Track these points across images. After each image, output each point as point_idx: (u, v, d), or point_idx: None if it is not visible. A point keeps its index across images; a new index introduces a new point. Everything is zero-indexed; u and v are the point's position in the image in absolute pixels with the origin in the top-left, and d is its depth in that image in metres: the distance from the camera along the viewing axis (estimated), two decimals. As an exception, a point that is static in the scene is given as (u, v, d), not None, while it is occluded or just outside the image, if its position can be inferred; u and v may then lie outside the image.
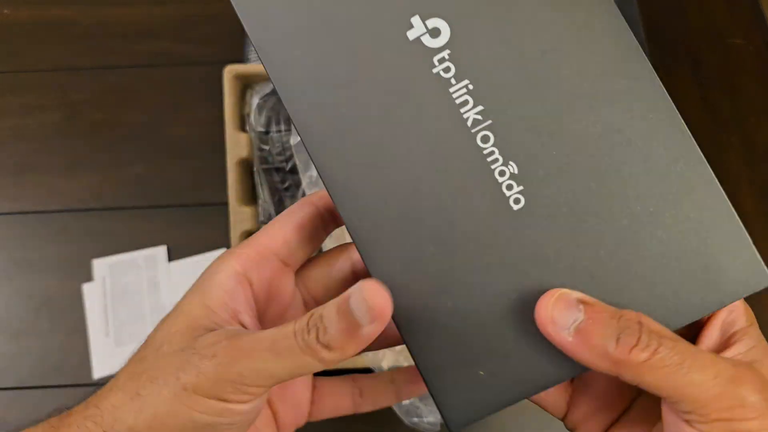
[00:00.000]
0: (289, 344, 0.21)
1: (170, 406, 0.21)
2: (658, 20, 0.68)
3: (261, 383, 0.21)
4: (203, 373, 0.21)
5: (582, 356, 0.20)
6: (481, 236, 0.22)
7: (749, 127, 0.66)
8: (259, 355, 0.21)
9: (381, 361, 0.51)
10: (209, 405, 0.21)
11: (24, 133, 0.66)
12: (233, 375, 0.21)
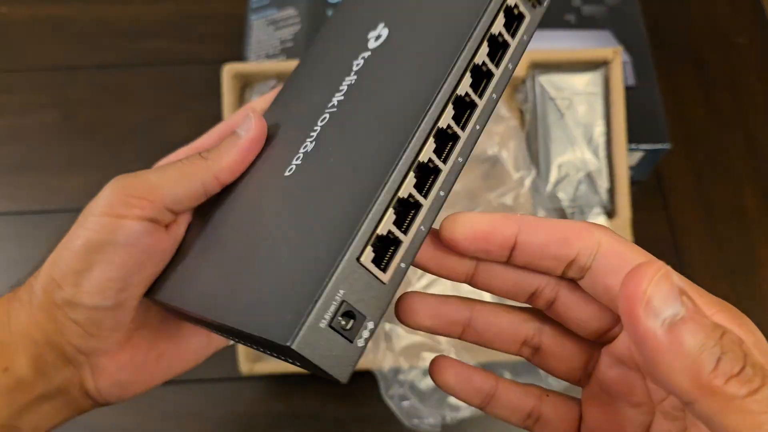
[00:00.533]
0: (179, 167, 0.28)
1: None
2: (661, 20, 0.68)
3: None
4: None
5: (663, 362, 0.17)
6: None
7: (753, 126, 0.65)
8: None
9: (381, 363, 0.51)
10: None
11: (21, 132, 0.65)
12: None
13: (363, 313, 0.20)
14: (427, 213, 0.22)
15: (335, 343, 0.20)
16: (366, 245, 0.21)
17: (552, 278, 0.23)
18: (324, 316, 0.20)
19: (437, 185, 0.22)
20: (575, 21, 0.61)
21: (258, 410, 0.56)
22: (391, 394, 0.51)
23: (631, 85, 0.58)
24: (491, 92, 0.23)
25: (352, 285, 0.20)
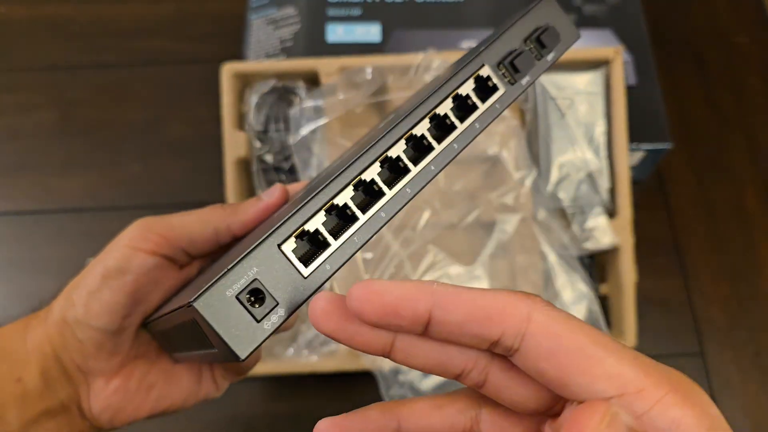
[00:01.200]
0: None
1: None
2: (662, 19, 0.68)
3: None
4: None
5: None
6: None
7: (754, 126, 0.65)
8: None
9: (381, 363, 0.50)
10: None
11: (19, 132, 0.65)
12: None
13: (275, 297, 0.21)
14: (363, 226, 0.23)
15: (240, 317, 0.20)
16: (290, 236, 0.21)
17: (480, 354, 0.20)
18: (232, 287, 0.20)
19: (377, 205, 0.23)
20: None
21: (258, 411, 0.55)
22: (391, 395, 0.50)
23: (632, 84, 0.58)
24: (452, 140, 0.25)
25: (268, 268, 0.21)
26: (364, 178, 0.23)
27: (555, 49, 0.27)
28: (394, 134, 0.24)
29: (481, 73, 0.25)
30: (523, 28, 0.26)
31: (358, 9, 0.62)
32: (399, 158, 0.24)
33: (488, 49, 0.26)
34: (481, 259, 0.53)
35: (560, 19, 0.27)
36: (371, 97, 0.53)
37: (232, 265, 0.20)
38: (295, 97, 0.55)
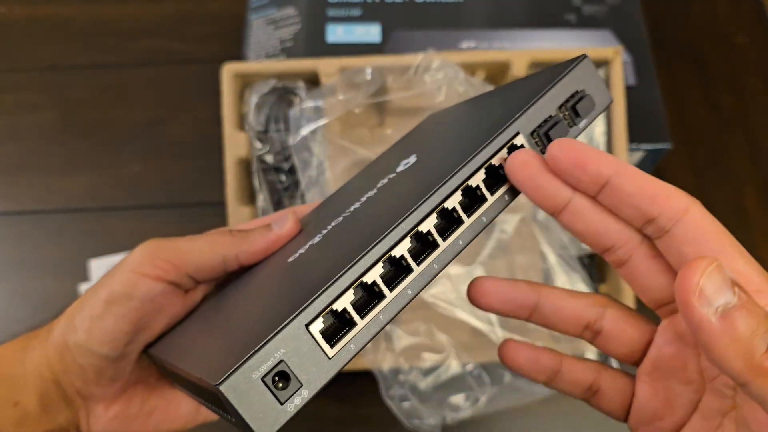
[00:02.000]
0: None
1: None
2: (661, 19, 0.68)
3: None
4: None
5: (718, 346, 0.18)
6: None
7: (754, 126, 0.65)
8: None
9: (381, 363, 0.51)
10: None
11: (20, 132, 0.65)
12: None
13: (299, 379, 0.20)
14: (389, 304, 0.22)
15: (264, 399, 0.20)
16: (318, 315, 0.21)
17: (633, 235, 0.23)
18: (259, 368, 0.20)
19: (405, 282, 0.23)
20: (576, 21, 0.61)
21: (258, 411, 0.55)
22: (392, 395, 0.50)
23: (631, 84, 0.58)
24: (481, 213, 0.24)
25: (295, 349, 0.20)
26: (394, 254, 0.22)
27: (588, 117, 0.26)
28: (424, 208, 0.23)
29: (516, 142, 0.24)
30: (559, 93, 0.25)
31: (358, 9, 0.62)
32: (429, 233, 0.23)
33: (523, 115, 0.24)
34: (481, 259, 0.53)
35: (595, 82, 0.26)
36: (371, 97, 0.54)
37: (260, 346, 0.20)
38: (295, 97, 0.55)
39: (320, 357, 0.21)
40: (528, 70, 0.55)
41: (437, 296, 0.52)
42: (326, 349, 0.21)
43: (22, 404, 0.29)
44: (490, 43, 0.61)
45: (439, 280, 0.52)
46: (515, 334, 0.52)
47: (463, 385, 0.51)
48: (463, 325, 0.52)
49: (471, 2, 0.62)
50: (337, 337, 0.21)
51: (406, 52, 0.55)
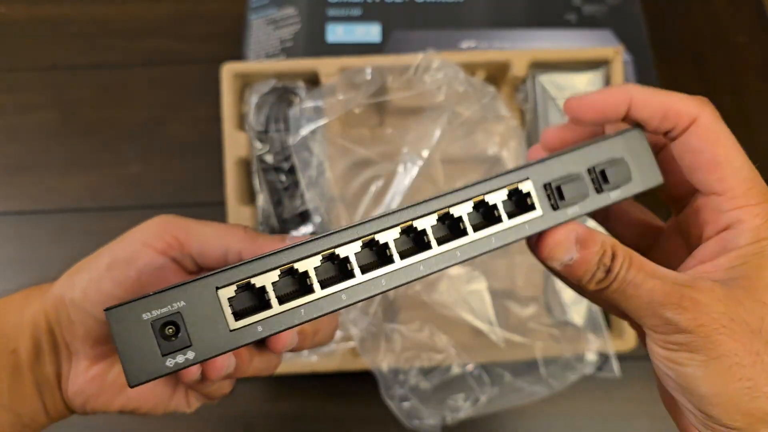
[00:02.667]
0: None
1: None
2: (661, 18, 0.68)
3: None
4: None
5: (570, 283, 0.26)
6: None
7: (753, 125, 0.65)
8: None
9: (381, 363, 0.51)
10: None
11: (19, 132, 0.65)
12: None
13: (190, 338, 0.19)
14: (314, 301, 0.21)
15: (146, 344, 0.19)
16: (233, 283, 0.20)
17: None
18: (152, 311, 0.19)
19: (341, 285, 0.21)
20: (576, 20, 0.61)
21: (258, 410, 0.55)
22: (392, 395, 0.50)
23: (631, 84, 0.58)
24: (455, 247, 0.22)
25: (197, 306, 0.20)
26: (337, 254, 0.21)
27: (621, 188, 0.25)
28: (391, 219, 0.22)
29: (521, 187, 0.23)
30: (592, 154, 0.24)
31: (358, 9, 0.62)
32: (386, 244, 0.22)
33: (541, 164, 0.24)
34: (480, 259, 0.53)
35: (642, 156, 0.25)
36: (371, 97, 0.54)
37: (162, 290, 0.19)
38: (295, 97, 0.55)
39: (221, 325, 0.20)
40: (528, 70, 0.55)
41: (437, 296, 0.52)
42: (229, 320, 0.20)
43: (18, 352, 0.30)
44: (490, 43, 0.61)
45: (440, 280, 0.52)
46: (515, 334, 0.52)
47: (463, 386, 0.51)
48: (463, 325, 0.52)
49: (471, 2, 0.62)
50: (245, 312, 0.20)
51: (406, 52, 0.55)
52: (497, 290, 0.53)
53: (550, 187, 0.24)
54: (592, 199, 0.24)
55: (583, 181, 0.24)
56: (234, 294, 0.20)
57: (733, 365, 0.21)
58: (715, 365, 0.21)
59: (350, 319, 0.51)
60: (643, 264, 0.23)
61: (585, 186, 0.24)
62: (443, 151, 0.52)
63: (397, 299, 0.52)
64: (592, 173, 0.24)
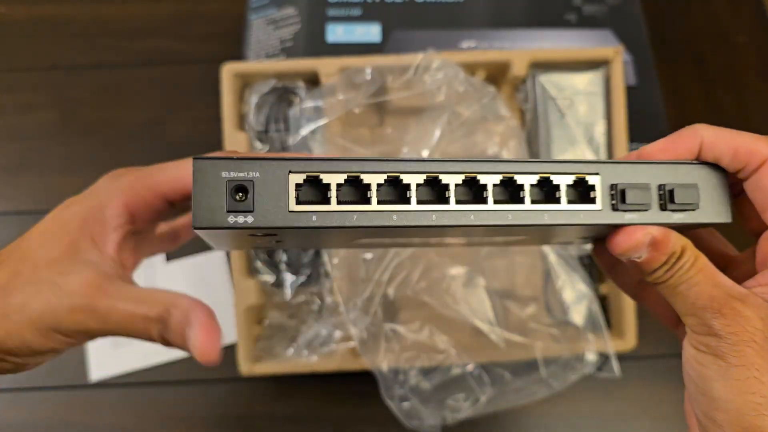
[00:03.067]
0: (136, 326, 0.28)
1: (32, 335, 0.28)
2: (661, 18, 0.68)
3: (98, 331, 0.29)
4: (62, 319, 0.28)
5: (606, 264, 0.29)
6: None
7: (753, 126, 0.65)
8: (110, 320, 0.28)
9: (381, 363, 0.51)
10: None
11: (20, 132, 0.65)
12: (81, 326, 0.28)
13: (254, 205, 0.22)
14: (368, 212, 0.23)
15: (216, 197, 0.22)
16: (304, 172, 0.23)
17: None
18: (230, 172, 0.22)
19: (395, 207, 0.23)
20: (576, 20, 0.61)
21: (257, 411, 0.56)
22: (392, 395, 0.51)
23: (631, 84, 0.58)
24: (507, 210, 0.24)
25: (269, 181, 0.22)
26: (402, 179, 0.23)
27: (684, 212, 0.25)
28: (457, 166, 0.24)
29: (589, 180, 0.25)
30: (671, 173, 0.25)
31: (358, 9, 0.62)
32: (447, 186, 0.24)
33: (619, 166, 0.25)
34: (480, 259, 0.53)
35: (718, 191, 0.26)
36: (371, 97, 0.54)
37: (247, 158, 0.22)
38: (295, 97, 0.55)
39: (283, 204, 0.22)
40: (528, 70, 0.55)
41: (437, 296, 0.52)
42: (291, 201, 0.22)
43: None
44: (491, 43, 0.61)
45: (439, 280, 0.52)
46: (515, 334, 0.52)
47: (463, 386, 0.51)
48: (463, 325, 0.52)
49: (471, 2, 0.62)
50: (307, 203, 0.23)
51: (406, 52, 0.55)
52: (497, 290, 0.53)
53: (616, 188, 0.25)
54: (653, 213, 0.25)
55: (648, 193, 0.25)
56: (302, 181, 0.23)
57: (751, 378, 0.22)
58: (734, 372, 0.22)
59: (350, 319, 0.51)
60: (706, 266, 0.24)
61: (650, 198, 0.25)
62: (443, 150, 0.52)
63: (397, 299, 0.52)
64: (661, 189, 0.25)
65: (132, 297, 0.29)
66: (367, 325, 0.51)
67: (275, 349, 0.53)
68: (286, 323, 0.54)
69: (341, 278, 0.51)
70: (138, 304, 0.29)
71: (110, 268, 0.30)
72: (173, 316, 0.29)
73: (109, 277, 0.28)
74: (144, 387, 0.56)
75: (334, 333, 0.52)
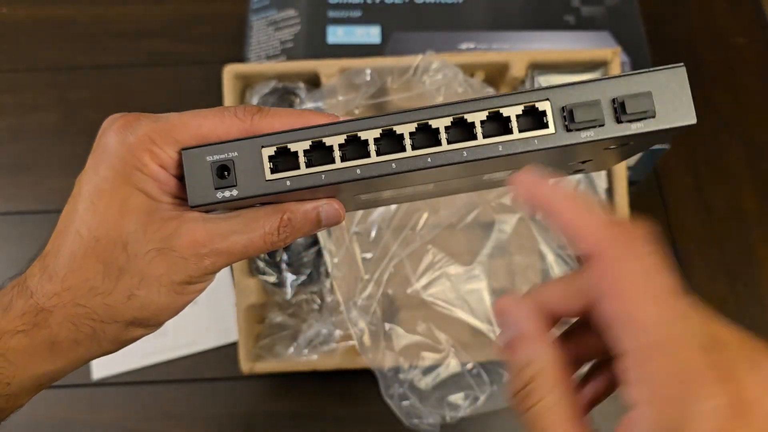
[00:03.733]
0: (259, 245, 0.27)
1: (168, 298, 0.27)
2: (659, 19, 0.68)
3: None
4: (191, 271, 0.27)
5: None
6: None
7: (751, 127, 0.65)
8: (235, 252, 0.27)
9: (381, 362, 0.51)
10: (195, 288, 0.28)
11: (22, 132, 0.65)
12: (210, 267, 0.27)
13: (237, 179, 0.26)
14: (335, 170, 0.26)
15: (205, 178, 0.26)
16: (273, 145, 0.26)
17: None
18: (213, 155, 0.26)
19: (356, 162, 0.26)
20: (574, 22, 0.62)
21: (258, 409, 0.56)
22: (391, 394, 0.51)
23: (629, 85, 0.58)
24: (463, 147, 0.25)
25: (245, 158, 0.26)
26: (359, 136, 0.26)
27: (644, 122, 0.25)
28: (410, 116, 0.25)
29: (539, 106, 0.25)
30: (620, 85, 0.25)
31: (358, 11, 0.62)
32: (402, 135, 0.25)
33: (564, 89, 0.25)
34: (480, 259, 0.53)
35: (678, 95, 0.25)
36: (371, 98, 0.54)
37: (223, 142, 0.26)
38: (295, 98, 0.56)
39: (260, 175, 0.26)
40: (527, 71, 0.55)
41: (436, 296, 0.52)
42: (267, 172, 0.26)
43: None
44: (490, 45, 0.61)
45: (439, 279, 0.52)
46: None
47: (462, 384, 0.52)
48: (462, 324, 0.52)
49: (470, 4, 0.63)
50: (280, 170, 0.26)
51: (406, 54, 0.55)
52: (496, 289, 0.53)
53: (566, 109, 0.25)
54: (609, 127, 0.25)
55: (599, 108, 0.25)
56: (274, 153, 0.26)
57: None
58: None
59: (350, 318, 0.51)
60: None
61: (601, 114, 0.25)
62: (443, 151, 0.53)
63: (396, 298, 0.53)
64: (615, 103, 0.25)
65: (236, 224, 0.27)
66: (367, 324, 0.51)
67: (276, 347, 0.53)
68: (286, 322, 0.54)
69: (341, 278, 0.52)
70: (248, 226, 0.27)
71: (191, 211, 0.28)
72: (293, 219, 0.28)
73: (203, 219, 0.27)
74: (146, 385, 0.56)
75: (334, 332, 0.52)
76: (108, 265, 0.27)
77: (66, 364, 0.28)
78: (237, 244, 0.27)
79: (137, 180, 0.26)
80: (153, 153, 0.26)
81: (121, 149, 0.27)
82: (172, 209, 0.27)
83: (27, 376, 0.28)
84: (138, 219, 0.26)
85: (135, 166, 0.26)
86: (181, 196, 0.27)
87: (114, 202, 0.26)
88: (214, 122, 0.27)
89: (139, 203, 0.26)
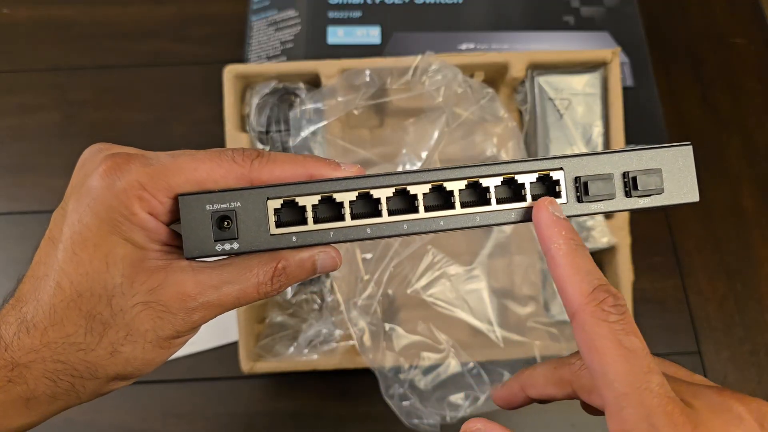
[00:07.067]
0: (252, 295, 0.26)
1: (153, 353, 0.26)
2: (658, 19, 0.68)
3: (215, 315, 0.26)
4: (178, 326, 0.26)
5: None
6: None
7: (750, 127, 0.66)
8: (226, 304, 0.26)
9: (381, 362, 0.51)
10: (179, 342, 0.27)
11: (23, 133, 0.65)
12: (199, 321, 0.26)
13: (238, 232, 0.24)
14: (343, 228, 0.25)
15: (203, 228, 0.24)
16: (280, 197, 0.25)
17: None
18: (215, 204, 0.24)
19: (368, 221, 0.25)
20: (574, 22, 0.62)
21: (258, 409, 0.56)
22: (391, 394, 0.51)
23: (629, 85, 0.58)
24: (475, 212, 0.25)
25: (249, 209, 0.24)
26: (372, 194, 0.25)
27: (652, 198, 0.26)
28: (425, 176, 0.25)
29: (553, 175, 0.25)
30: (632, 160, 0.26)
31: (358, 11, 0.62)
32: (416, 196, 0.25)
33: (578, 159, 0.25)
34: (480, 259, 0.53)
35: (684, 173, 0.26)
36: (370, 98, 0.54)
37: (227, 190, 0.24)
38: (295, 98, 0.56)
39: (263, 228, 0.25)
40: (526, 72, 0.55)
41: (436, 296, 0.52)
42: (272, 226, 0.25)
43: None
44: (489, 45, 0.61)
45: (439, 279, 0.52)
46: (514, 333, 0.52)
47: (462, 384, 0.52)
48: (462, 324, 0.52)
49: (470, 4, 0.63)
50: (286, 225, 0.25)
51: (406, 54, 0.55)
52: (496, 289, 0.53)
53: (579, 180, 0.25)
54: (619, 201, 0.26)
55: (611, 183, 0.25)
56: (280, 206, 0.25)
57: None
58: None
59: (350, 318, 0.51)
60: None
61: (613, 188, 0.25)
62: (442, 151, 0.53)
63: (396, 298, 0.53)
64: (626, 177, 0.26)
65: (228, 274, 0.26)
66: (367, 324, 0.51)
67: (276, 347, 0.53)
68: (287, 322, 0.54)
69: (341, 278, 0.52)
70: (240, 275, 0.26)
71: (180, 260, 0.26)
72: (288, 268, 0.26)
73: (192, 268, 0.26)
74: (146, 385, 0.56)
75: (334, 332, 0.52)
76: (91, 319, 0.25)
77: (41, 417, 0.27)
78: (229, 296, 0.26)
79: (125, 230, 0.25)
80: (143, 200, 0.24)
81: (107, 196, 0.25)
82: (160, 257, 0.25)
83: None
84: (124, 271, 0.25)
85: (123, 215, 0.24)
86: (171, 243, 0.26)
87: (98, 254, 0.25)
88: (210, 166, 0.25)
89: (124, 254, 0.25)
